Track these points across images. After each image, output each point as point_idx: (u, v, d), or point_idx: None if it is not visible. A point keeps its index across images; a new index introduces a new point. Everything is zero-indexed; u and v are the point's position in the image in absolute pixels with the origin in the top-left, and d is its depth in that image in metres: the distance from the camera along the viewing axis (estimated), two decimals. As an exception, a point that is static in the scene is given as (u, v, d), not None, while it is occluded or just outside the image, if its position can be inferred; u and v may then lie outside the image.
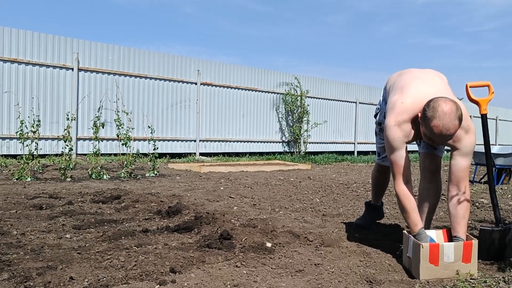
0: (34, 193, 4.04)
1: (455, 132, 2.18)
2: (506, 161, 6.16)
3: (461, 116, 2.16)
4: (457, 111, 2.15)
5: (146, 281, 1.84)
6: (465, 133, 2.31)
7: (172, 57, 9.81)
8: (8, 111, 7.57)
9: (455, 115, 2.15)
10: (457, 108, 2.16)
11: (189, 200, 3.91)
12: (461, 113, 2.17)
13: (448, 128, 2.14)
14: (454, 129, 2.16)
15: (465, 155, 2.35)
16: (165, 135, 9.62)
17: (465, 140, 2.33)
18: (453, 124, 2.15)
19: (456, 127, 2.16)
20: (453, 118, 2.14)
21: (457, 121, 2.15)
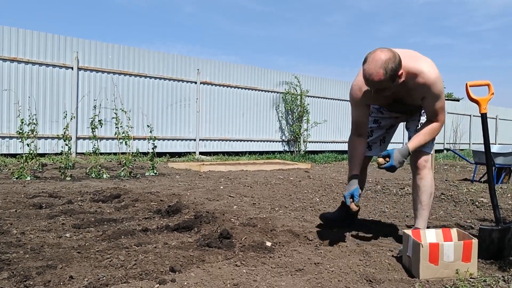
0: (34, 192, 4.04)
1: (378, 81, 2.17)
2: (506, 160, 6.16)
3: (391, 68, 2.15)
4: (388, 62, 2.15)
5: (146, 280, 1.84)
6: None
7: (172, 56, 9.80)
8: (7, 110, 7.57)
9: (382, 63, 2.14)
10: (389, 59, 2.15)
11: (189, 199, 3.91)
12: (393, 66, 2.16)
13: (370, 73, 2.17)
14: (377, 77, 2.16)
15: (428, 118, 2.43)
16: (165, 134, 9.61)
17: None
18: (376, 71, 2.15)
19: (380, 76, 2.15)
20: (378, 65, 2.15)
21: (382, 70, 2.15)
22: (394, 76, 2.20)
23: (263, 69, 11.51)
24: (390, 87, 2.26)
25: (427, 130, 2.41)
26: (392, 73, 2.17)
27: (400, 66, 2.22)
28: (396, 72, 2.19)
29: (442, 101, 2.37)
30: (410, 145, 2.39)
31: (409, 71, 2.29)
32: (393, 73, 2.18)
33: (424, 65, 2.31)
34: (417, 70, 2.30)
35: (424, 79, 2.29)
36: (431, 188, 2.53)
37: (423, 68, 2.30)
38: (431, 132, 2.41)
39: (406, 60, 2.29)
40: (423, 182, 2.52)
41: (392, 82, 2.22)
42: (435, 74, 2.30)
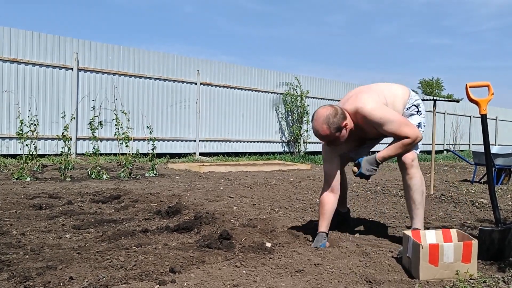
0: (34, 193, 4.04)
1: (325, 135, 2.43)
2: (506, 161, 6.16)
3: (333, 122, 2.41)
4: (329, 117, 2.41)
5: (145, 281, 1.84)
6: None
7: (172, 57, 9.80)
8: (7, 111, 7.57)
9: (324, 120, 2.41)
10: (330, 114, 2.42)
11: (188, 200, 3.91)
12: (334, 120, 2.41)
13: (316, 129, 2.45)
14: (323, 132, 2.43)
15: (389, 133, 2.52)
16: (165, 135, 9.61)
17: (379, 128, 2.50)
18: (320, 127, 2.42)
19: (325, 130, 2.42)
20: (321, 122, 2.42)
21: (325, 126, 2.41)
22: (339, 128, 2.44)
23: (263, 70, 11.51)
24: (340, 136, 2.48)
25: (399, 144, 2.50)
26: (335, 126, 2.43)
27: (343, 118, 2.45)
28: (338, 124, 2.43)
29: (394, 123, 2.47)
30: (379, 155, 2.53)
31: (351, 113, 2.53)
32: (336, 125, 2.43)
33: (359, 102, 2.51)
34: (354, 110, 2.52)
35: (362, 114, 2.49)
36: (421, 186, 2.57)
37: (357, 105, 2.51)
38: (402, 146, 2.50)
39: (348, 106, 2.55)
40: (413, 181, 2.55)
41: (339, 133, 2.46)
42: (369, 105, 2.48)
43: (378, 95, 2.58)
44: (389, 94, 2.63)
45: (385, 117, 2.46)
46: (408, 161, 2.54)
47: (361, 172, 2.52)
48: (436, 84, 46.66)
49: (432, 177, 5.11)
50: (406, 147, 2.50)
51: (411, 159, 2.54)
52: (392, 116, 2.48)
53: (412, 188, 2.55)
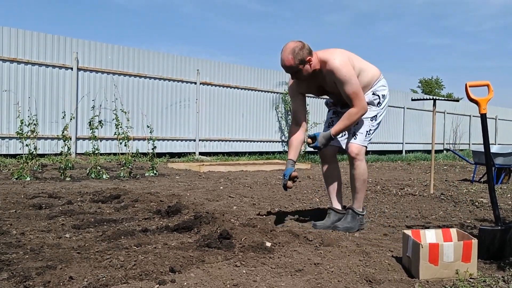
0: (34, 193, 4.04)
1: (289, 65, 2.66)
2: (506, 160, 6.16)
3: (298, 53, 2.63)
4: (295, 49, 2.63)
5: (145, 280, 1.84)
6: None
7: (172, 57, 9.80)
8: (7, 110, 7.57)
9: (291, 51, 2.63)
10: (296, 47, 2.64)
11: (188, 199, 3.91)
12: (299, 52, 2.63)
13: (282, 59, 2.67)
14: (287, 62, 2.65)
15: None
16: (165, 134, 9.61)
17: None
18: (286, 57, 2.64)
19: (290, 61, 2.64)
20: (287, 52, 2.64)
21: (291, 56, 2.63)
22: (302, 61, 2.66)
23: (262, 69, 11.51)
24: (302, 70, 2.70)
25: (346, 115, 2.77)
26: (300, 58, 2.64)
27: (309, 53, 2.68)
28: (303, 57, 2.65)
29: (351, 86, 2.69)
30: (332, 130, 2.81)
31: (320, 60, 2.75)
32: (300, 57, 2.64)
33: (331, 55, 2.73)
34: (325, 59, 2.73)
35: (330, 66, 2.70)
36: (363, 176, 2.91)
37: (329, 57, 2.72)
38: (349, 117, 2.75)
39: (320, 53, 2.78)
40: (355, 171, 2.89)
41: (303, 66, 2.68)
42: (339, 61, 2.69)
43: (350, 58, 2.80)
44: (360, 65, 2.85)
45: (346, 77, 2.68)
46: (353, 154, 2.86)
47: (316, 145, 2.83)
48: (436, 83, 46.65)
49: (432, 176, 5.11)
50: (353, 118, 2.75)
51: (355, 153, 2.86)
52: (353, 79, 2.70)
53: (354, 177, 2.91)
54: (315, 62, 2.74)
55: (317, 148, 2.84)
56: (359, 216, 2.98)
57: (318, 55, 2.76)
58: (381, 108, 2.92)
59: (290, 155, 2.91)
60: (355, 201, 2.97)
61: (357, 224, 2.95)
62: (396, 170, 8.60)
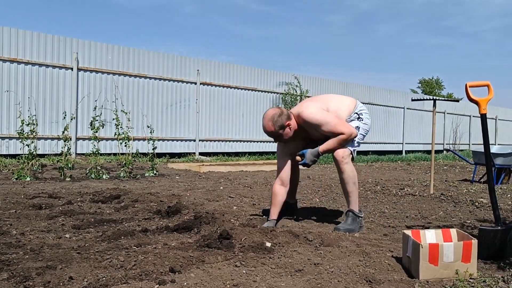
0: (34, 193, 4.04)
1: (270, 131, 2.92)
2: (506, 160, 6.16)
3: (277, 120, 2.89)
4: (274, 116, 2.90)
5: (145, 280, 1.84)
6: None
7: (172, 57, 9.80)
8: (7, 110, 7.57)
9: (270, 118, 2.90)
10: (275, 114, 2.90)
11: (188, 199, 3.91)
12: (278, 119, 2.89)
13: (263, 126, 2.94)
14: (268, 128, 2.92)
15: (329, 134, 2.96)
16: (165, 135, 9.62)
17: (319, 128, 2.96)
18: (266, 124, 2.91)
19: (270, 127, 2.90)
20: (267, 120, 2.91)
21: (271, 123, 2.90)
22: (282, 126, 2.91)
23: (263, 69, 11.51)
24: (283, 134, 2.94)
25: (336, 139, 2.94)
26: (279, 124, 2.90)
27: (287, 119, 2.93)
28: (282, 123, 2.90)
29: (330, 123, 2.92)
30: (321, 148, 2.96)
31: (295, 116, 3.00)
32: (279, 124, 2.90)
33: (301, 108, 3.00)
34: (298, 113, 2.99)
35: (304, 117, 2.95)
36: (352, 178, 3.00)
37: (299, 110, 2.98)
38: (339, 141, 2.94)
39: (293, 109, 3.05)
40: (343, 175, 2.99)
41: (283, 130, 2.93)
42: (310, 110, 2.95)
43: (321, 103, 3.04)
44: (334, 104, 3.07)
45: (322, 120, 2.91)
46: (339, 158, 2.97)
47: (305, 162, 2.96)
48: (436, 83, 46.64)
49: (432, 176, 5.11)
50: (342, 141, 2.94)
51: (341, 156, 2.97)
52: (328, 119, 2.92)
53: (344, 181, 3.01)
54: (293, 124, 2.98)
55: (306, 165, 2.99)
56: (359, 218, 3.04)
57: (293, 113, 3.01)
58: (361, 122, 3.11)
59: (273, 215, 3.01)
60: (351, 203, 3.04)
61: (357, 226, 3.00)
62: (396, 170, 8.60)
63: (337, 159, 2.97)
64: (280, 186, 3.06)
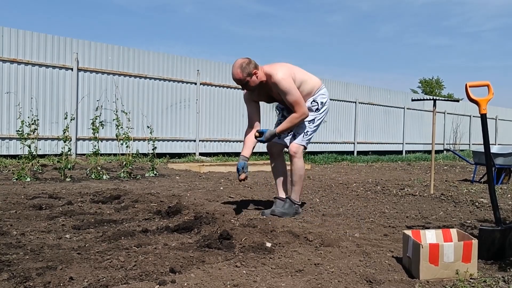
0: (34, 193, 4.04)
1: (238, 78, 3.13)
2: (506, 160, 6.16)
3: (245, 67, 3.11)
4: (242, 64, 3.11)
5: (146, 281, 1.84)
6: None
7: (172, 57, 9.80)
8: (7, 111, 7.57)
9: (239, 66, 3.12)
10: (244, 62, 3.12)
11: (188, 200, 3.91)
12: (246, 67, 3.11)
13: (232, 73, 3.18)
14: (237, 75, 3.14)
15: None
16: (165, 135, 9.62)
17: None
18: (235, 71, 3.14)
19: (238, 74, 3.12)
20: (236, 67, 3.13)
21: (239, 70, 3.11)
22: (249, 74, 3.13)
23: (263, 70, 11.51)
24: (250, 82, 3.16)
25: (289, 118, 3.24)
26: (247, 71, 3.11)
27: (254, 67, 3.15)
28: (249, 71, 3.12)
29: (292, 96, 3.16)
30: (278, 129, 3.27)
31: (266, 73, 3.21)
32: (247, 71, 3.11)
33: (275, 70, 3.19)
34: (270, 73, 3.19)
35: (273, 79, 3.16)
36: (300, 171, 3.37)
37: (273, 71, 3.18)
38: (291, 120, 3.23)
39: (266, 67, 3.25)
40: (294, 167, 3.35)
41: (250, 78, 3.14)
42: (281, 75, 3.15)
43: (291, 72, 3.24)
44: (301, 77, 3.30)
45: (288, 89, 3.15)
46: (292, 152, 3.33)
47: (262, 139, 3.26)
48: (436, 83, 46.62)
49: (432, 176, 5.11)
50: (294, 121, 3.23)
51: (294, 151, 3.33)
52: (293, 90, 3.16)
53: (293, 172, 3.37)
54: (261, 74, 3.20)
55: (261, 141, 3.29)
56: (295, 205, 3.42)
57: (264, 69, 3.23)
58: (319, 113, 3.39)
59: (243, 152, 3.32)
60: (293, 192, 3.41)
61: (292, 211, 3.39)
62: (396, 171, 8.60)
63: (291, 153, 3.34)
64: (250, 128, 3.40)
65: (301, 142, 3.36)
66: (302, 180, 3.42)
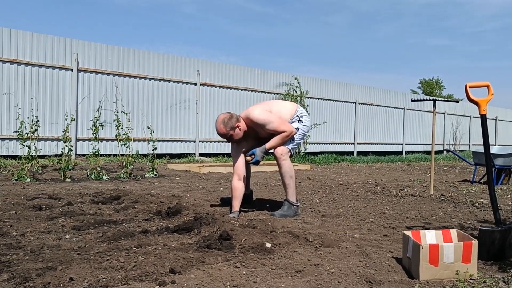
0: (34, 194, 4.04)
1: (222, 133, 3.35)
2: (506, 161, 6.16)
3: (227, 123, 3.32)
4: (225, 119, 3.33)
5: (145, 281, 1.84)
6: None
7: (172, 58, 9.80)
8: (7, 112, 7.57)
9: (221, 121, 3.33)
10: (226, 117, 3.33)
11: (188, 200, 3.91)
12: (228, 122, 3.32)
13: (216, 128, 3.38)
14: (220, 130, 3.35)
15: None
16: (165, 135, 9.61)
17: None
18: (218, 126, 3.35)
19: (222, 129, 3.34)
20: (219, 123, 3.34)
21: (222, 125, 3.32)
22: (232, 127, 3.34)
23: (262, 70, 11.51)
24: (234, 134, 3.36)
25: (279, 136, 3.41)
26: (230, 126, 3.33)
27: (236, 121, 3.35)
28: (232, 125, 3.33)
29: (274, 123, 3.37)
30: (267, 145, 3.42)
31: (244, 119, 3.43)
32: (230, 125, 3.33)
33: (248, 111, 3.43)
34: (246, 116, 3.42)
35: (251, 118, 3.39)
36: (289, 172, 3.46)
37: (247, 113, 3.42)
38: (281, 138, 3.40)
39: (241, 113, 3.49)
40: (282, 169, 3.45)
41: (233, 131, 3.34)
42: (257, 112, 3.38)
43: (265, 106, 3.50)
44: (277, 107, 3.54)
45: (266, 119, 3.36)
46: (278, 155, 3.44)
47: (256, 159, 3.42)
48: (436, 84, 46.64)
49: (432, 177, 5.11)
50: (284, 138, 3.41)
51: (280, 154, 3.44)
52: (272, 119, 3.38)
53: (282, 175, 3.48)
54: (242, 125, 3.40)
55: (257, 163, 3.44)
56: (294, 207, 3.49)
57: (242, 116, 3.45)
58: (302, 124, 3.58)
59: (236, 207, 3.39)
60: (288, 194, 3.51)
61: (292, 213, 3.46)
62: (396, 171, 8.60)
63: (277, 156, 3.45)
64: (238, 181, 3.48)
65: (287, 146, 3.49)
66: (294, 180, 3.52)
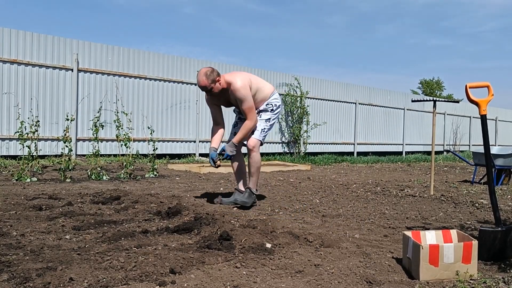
0: (34, 194, 4.04)
1: (204, 85, 3.50)
2: (506, 161, 6.16)
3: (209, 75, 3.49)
4: (207, 72, 3.50)
5: (146, 282, 1.84)
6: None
7: (172, 58, 9.81)
8: (7, 112, 7.57)
9: (204, 74, 3.50)
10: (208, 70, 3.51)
11: (188, 200, 3.91)
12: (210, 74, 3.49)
13: (198, 80, 3.54)
14: (202, 82, 3.50)
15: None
16: (165, 136, 9.62)
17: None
18: (201, 78, 3.51)
19: (204, 81, 3.49)
20: (201, 75, 3.50)
21: (204, 77, 3.49)
22: (213, 80, 3.51)
23: (263, 70, 11.51)
24: (214, 88, 3.53)
25: (243, 127, 3.68)
26: (211, 79, 3.50)
27: (217, 75, 3.53)
28: (213, 78, 3.50)
29: (246, 103, 3.60)
30: (235, 139, 3.70)
31: (226, 81, 3.61)
32: (211, 78, 3.50)
33: (234, 78, 3.60)
34: (230, 81, 3.60)
35: (233, 86, 3.58)
36: (257, 164, 3.76)
37: (232, 79, 3.59)
38: (245, 127, 3.66)
39: (227, 75, 3.66)
40: (251, 160, 3.74)
41: (214, 84, 3.52)
42: (240, 84, 3.57)
43: (249, 80, 3.65)
44: (257, 85, 3.73)
45: (244, 97, 3.57)
46: (250, 147, 3.72)
47: (228, 154, 3.68)
48: (437, 84, 46.64)
49: (432, 177, 5.11)
50: (248, 128, 3.66)
51: (252, 146, 3.72)
52: (248, 98, 3.60)
53: (250, 164, 3.75)
54: (222, 82, 3.58)
55: (228, 158, 3.71)
56: (253, 195, 3.79)
57: (225, 78, 3.62)
58: (273, 113, 3.86)
59: (212, 144, 3.78)
60: (251, 183, 3.79)
61: (251, 200, 3.75)
62: (396, 171, 8.60)
63: (249, 148, 3.73)
64: (216, 127, 3.87)
65: (258, 137, 3.76)
66: (259, 172, 3.84)
